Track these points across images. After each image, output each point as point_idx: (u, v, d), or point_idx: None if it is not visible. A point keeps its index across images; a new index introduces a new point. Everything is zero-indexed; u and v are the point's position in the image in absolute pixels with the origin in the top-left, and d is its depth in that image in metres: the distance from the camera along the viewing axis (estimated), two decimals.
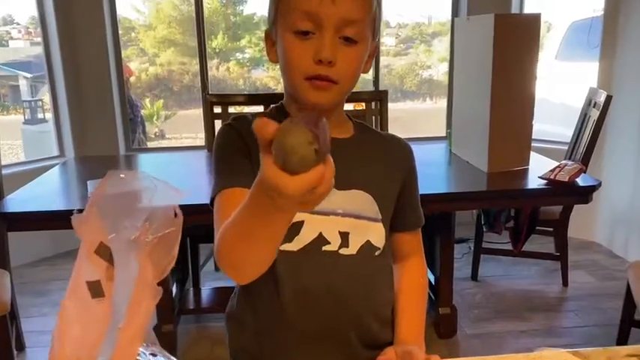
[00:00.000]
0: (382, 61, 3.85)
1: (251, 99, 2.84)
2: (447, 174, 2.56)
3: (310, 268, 0.91)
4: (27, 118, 4.85)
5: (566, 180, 2.11)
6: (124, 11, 5.81)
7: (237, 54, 7.21)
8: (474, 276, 3.06)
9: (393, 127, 2.93)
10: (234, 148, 0.91)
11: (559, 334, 2.53)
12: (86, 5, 3.47)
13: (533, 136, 2.40)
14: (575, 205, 2.74)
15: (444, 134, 3.81)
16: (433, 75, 6.74)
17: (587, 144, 2.72)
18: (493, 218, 2.83)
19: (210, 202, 0.90)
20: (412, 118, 6.60)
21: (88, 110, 3.56)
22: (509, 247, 2.94)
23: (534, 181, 2.19)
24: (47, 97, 3.68)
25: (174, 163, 2.87)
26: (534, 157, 2.46)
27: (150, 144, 6.36)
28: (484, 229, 2.91)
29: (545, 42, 4.38)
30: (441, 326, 2.47)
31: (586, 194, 2.14)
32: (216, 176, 0.91)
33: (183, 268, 2.73)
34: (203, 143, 3.08)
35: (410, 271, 1.04)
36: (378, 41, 0.97)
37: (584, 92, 2.94)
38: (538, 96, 2.40)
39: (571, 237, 2.96)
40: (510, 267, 3.20)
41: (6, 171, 3.22)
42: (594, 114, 2.73)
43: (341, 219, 0.92)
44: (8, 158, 4.32)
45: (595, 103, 2.77)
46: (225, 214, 0.82)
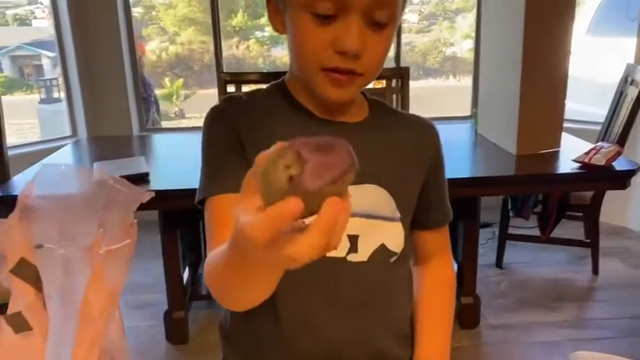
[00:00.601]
0: (404, 38, 3.69)
1: (265, 77, 2.71)
2: (472, 156, 2.42)
3: (311, 279, 0.75)
4: (42, 97, 4.80)
5: (603, 164, 1.96)
6: None
7: (257, 32, 7.07)
8: (499, 263, 2.92)
9: (414, 106, 2.79)
10: (223, 139, 0.77)
11: (589, 326, 2.39)
12: None
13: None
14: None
15: (468, 113, 3.67)
16: (457, 52, 6.53)
17: (623, 124, 2.55)
18: (520, 203, 2.69)
19: (198, 203, 0.78)
20: (435, 96, 6.41)
21: (100, 89, 3.48)
22: (536, 232, 2.80)
23: (566, 165, 2.04)
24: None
25: (187, 145, 2.77)
26: (566, 138, 2.31)
27: (169, 123, 6.30)
28: (510, 214, 2.77)
29: (576, 16, 4.15)
30: (462, 316, 2.35)
31: (623, 179, 1.99)
32: (205, 176, 0.79)
33: (197, 251, 2.65)
34: None
35: (433, 274, 0.90)
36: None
37: (620, 69, 2.75)
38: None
39: (602, 222, 2.80)
40: (537, 254, 3.05)
41: (18, 151, 3.17)
42: (632, 92, 2.56)
43: (349, 219, 0.78)
44: (28, 137, 4.28)
45: (633, 80, 2.60)
46: (214, 228, 0.73)
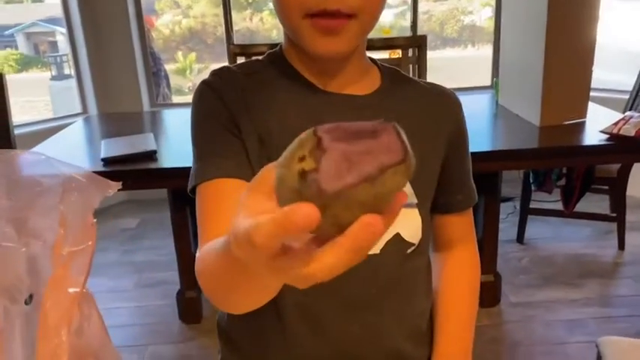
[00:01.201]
0: (421, 7, 3.54)
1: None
2: (494, 128, 2.31)
3: None
4: (53, 74, 4.76)
5: (632, 134, 1.85)
6: None
7: (271, 3, 6.94)
8: (520, 238, 2.83)
9: (431, 77, 2.69)
10: (214, 117, 0.68)
11: (614, 304, 2.31)
12: None
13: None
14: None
15: (488, 83, 3.54)
16: (475, 20, 6.34)
17: None
18: (543, 176, 2.59)
19: (190, 191, 0.69)
20: (453, 66, 6.24)
21: (109, 65, 3.42)
22: (559, 206, 2.70)
23: (593, 136, 1.94)
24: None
25: None
26: (592, 107, 2.19)
27: (183, 98, 6.23)
28: (532, 188, 2.67)
29: None
30: (482, 295, 2.25)
31: None
32: (197, 159, 0.69)
33: None
34: None
35: (456, 264, 0.81)
36: None
37: None
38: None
39: (628, 195, 2.68)
40: (560, 228, 2.95)
41: (29, 129, 3.14)
42: None
43: None
44: (43, 115, 4.25)
45: None
46: (208, 215, 0.64)
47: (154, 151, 1.93)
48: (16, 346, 0.42)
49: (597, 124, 1.99)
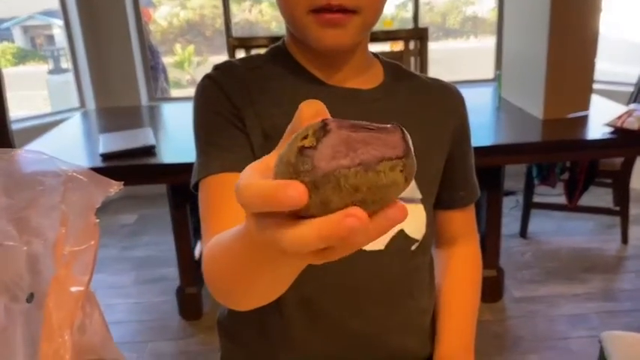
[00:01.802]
0: None
1: (275, 41, 2.59)
2: (496, 122, 2.29)
3: (321, 270, 0.66)
4: (51, 68, 4.72)
5: (636, 128, 1.83)
6: None
7: None
8: (523, 233, 2.81)
9: (433, 69, 2.66)
10: (218, 111, 0.67)
11: (618, 298, 2.29)
12: None
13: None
14: None
15: (491, 76, 3.51)
16: (478, 12, 6.30)
17: None
18: (546, 169, 2.57)
19: (193, 187, 0.68)
20: (455, 58, 6.21)
21: (106, 58, 3.38)
22: (562, 200, 2.68)
23: (597, 130, 1.92)
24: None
25: None
26: (595, 100, 2.17)
27: (181, 91, 6.20)
28: (535, 182, 2.65)
29: None
30: (485, 290, 2.24)
31: None
32: (200, 153, 0.68)
33: None
34: None
35: (458, 260, 0.81)
36: None
37: None
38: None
39: (632, 188, 2.67)
40: (563, 222, 2.93)
41: (26, 124, 3.12)
42: None
43: None
44: (41, 109, 4.23)
45: None
46: (214, 209, 0.63)
47: (153, 146, 1.91)
48: (17, 344, 0.41)
49: (601, 117, 1.97)
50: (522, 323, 2.15)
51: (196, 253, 2.28)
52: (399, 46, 2.51)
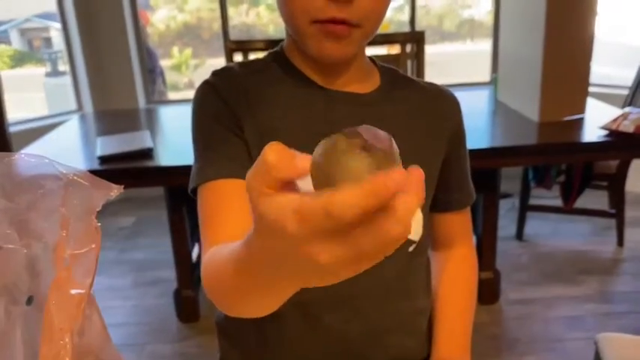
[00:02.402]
0: (419, 1, 3.52)
1: (272, 44, 2.59)
2: (492, 125, 2.30)
3: None
4: (48, 70, 4.72)
5: (632, 131, 1.84)
6: None
7: None
8: (519, 235, 2.82)
9: (430, 72, 2.67)
10: (218, 117, 0.68)
11: (614, 300, 2.30)
12: None
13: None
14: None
15: (487, 79, 3.52)
16: (474, 15, 6.31)
17: None
18: (542, 172, 2.58)
19: (191, 192, 0.69)
20: (452, 61, 6.22)
21: (104, 61, 3.39)
22: (558, 202, 2.69)
23: (592, 132, 1.93)
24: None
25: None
26: (591, 103, 2.19)
27: (179, 94, 6.20)
28: (531, 184, 2.66)
29: None
30: (482, 292, 2.25)
31: None
32: (198, 159, 0.69)
33: None
34: None
35: (454, 262, 0.81)
36: None
37: None
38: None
39: (627, 191, 2.68)
40: (559, 225, 2.94)
41: (24, 126, 3.12)
42: None
43: None
44: (39, 112, 4.23)
45: None
46: (212, 217, 0.64)
47: (151, 149, 1.92)
48: (17, 346, 0.42)
49: (596, 120, 1.99)
50: (518, 325, 2.16)
51: (194, 256, 2.29)
52: (395, 49, 2.52)
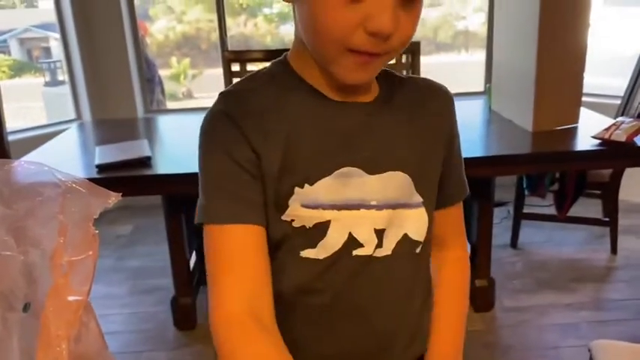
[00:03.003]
0: None
1: (270, 55, 2.63)
2: (487, 134, 2.33)
3: (334, 280, 0.69)
4: (47, 80, 4.74)
5: (624, 140, 1.87)
6: None
7: (265, 9, 6.93)
8: (514, 243, 2.84)
9: None
10: (231, 151, 0.65)
11: (608, 308, 2.32)
12: None
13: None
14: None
15: (481, 89, 3.56)
16: (469, 26, 6.37)
17: None
18: (536, 181, 2.61)
19: (198, 224, 0.67)
20: (446, 72, 6.27)
21: (103, 71, 3.41)
22: (552, 211, 2.72)
23: (585, 141, 1.95)
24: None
25: (193, 127, 2.70)
26: (584, 113, 2.21)
27: (177, 104, 6.23)
28: (526, 193, 2.69)
29: None
30: (477, 299, 2.29)
31: None
32: (207, 196, 0.67)
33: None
34: None
35: (448, 268, 0.82)
36: None
37: None
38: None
39: (621, 199, 2.70)
40: (554, 233, 2.96)
41: (22, 135, 3.14)
42: None
43: (376, 212, 0.69)
44: (37, 121, 4.25)
45: None
46: (225, 264, 0.64)
47: (149, 158, 1.93)
48: (14, 353, 0.43)
49: (589, 129, 2.01)
50: (513, 332, 2.17)
51: (191, 264, 2.30)
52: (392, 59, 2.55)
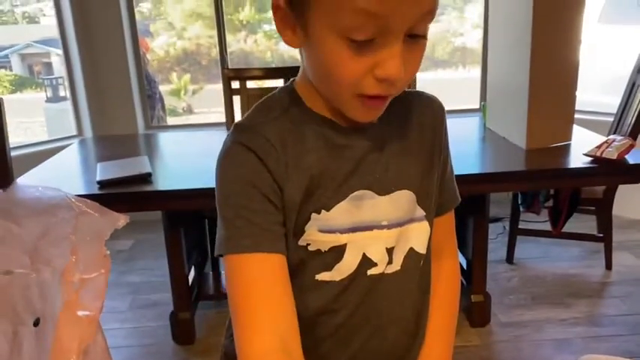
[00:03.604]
0: None
1: (269, 73, 2.68)
2: (482, 151, 2.36)
3: (349, 300, 0.72)
4: (49, 96, 4.79)
5: (615, 157, 1.90)
6: None
7: (265, 25, 7.01)
8: (509, 259, 2.87)
9: None
10: (254, 182, 0.66)
11: (603, 324, 2.34)
12: None
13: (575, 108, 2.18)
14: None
15: (477, 106, 3.60)
16: (466, 42, 6.43)
17: (635, 116, 2.48)
18: (531, 197, 2.64)
19: (218, 255, 0.67)
20: (444, 88, 6.33)
21: (105, 88, 3.46)
22: (547, 227, 2.75)
23: (578, 159, 1.99)
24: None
25: (193, 143, 2.74)
26: (577, 130, 2.25)
27: (178, 119, 6.27)
28: (521, 209, 2.72)
29: (586, 4, 4.05)
30: (472, 315, 2.31)
31: (636, 173, 1.93)
32: (228, 225, 0.66)
33: (202, 251, 2.63)
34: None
35: (441, 282, 0.84)
36: None
37: (633, 58, 2.68)
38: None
39: (615, 215, 2.74)
40: (549, 248, 3.00)
41: (23, 151, 3.17)
42: None
43: (387, 232, 0.71)
44: (39, 137, 4.28)
45: None
46: (253, 297, 0.64)
47: (149, 174, 1.97)
48: None
49: (582, 146, 2.03)
50: (509, 348, 2.19)
51: (190, 279, 2.33)
52: None
